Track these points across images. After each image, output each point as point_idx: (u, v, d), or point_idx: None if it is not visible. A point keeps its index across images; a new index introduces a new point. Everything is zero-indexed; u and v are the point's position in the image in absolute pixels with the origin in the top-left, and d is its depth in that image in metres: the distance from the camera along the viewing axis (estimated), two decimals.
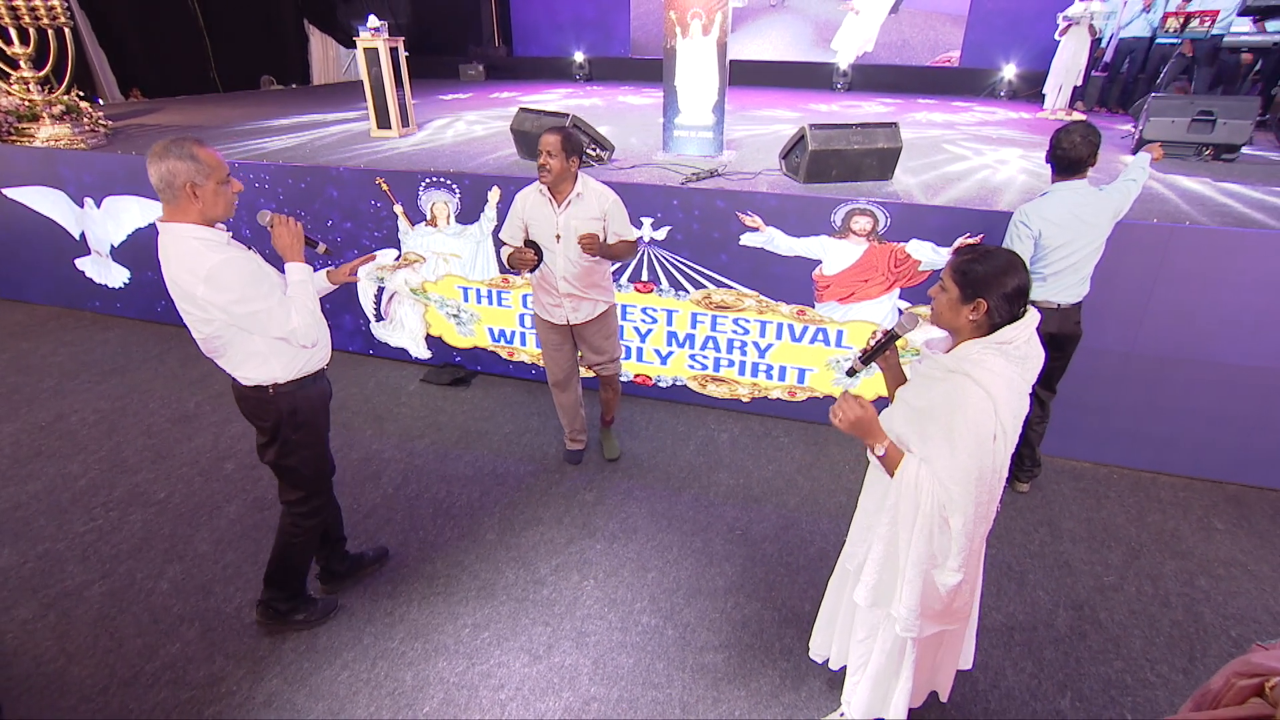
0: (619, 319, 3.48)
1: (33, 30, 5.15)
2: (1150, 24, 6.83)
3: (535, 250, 2.85)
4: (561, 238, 2.85)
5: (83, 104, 5.46)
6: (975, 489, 1.54)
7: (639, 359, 4.04)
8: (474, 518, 3.11)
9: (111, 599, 2.64)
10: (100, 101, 5.86)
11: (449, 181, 3.94)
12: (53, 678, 2.31)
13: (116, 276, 5.12)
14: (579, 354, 3.26)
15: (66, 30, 5.33)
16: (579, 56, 10.76)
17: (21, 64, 5.18)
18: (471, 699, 2.27)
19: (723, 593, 2.71)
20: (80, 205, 4.91)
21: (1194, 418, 3.29)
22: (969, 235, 3.26)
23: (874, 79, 9.61)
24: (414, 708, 2.24)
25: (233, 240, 2.03)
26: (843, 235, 3.42)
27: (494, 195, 3.88)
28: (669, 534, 3.02)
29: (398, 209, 4.10)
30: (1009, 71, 8.82)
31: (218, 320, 1.97)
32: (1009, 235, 2.82)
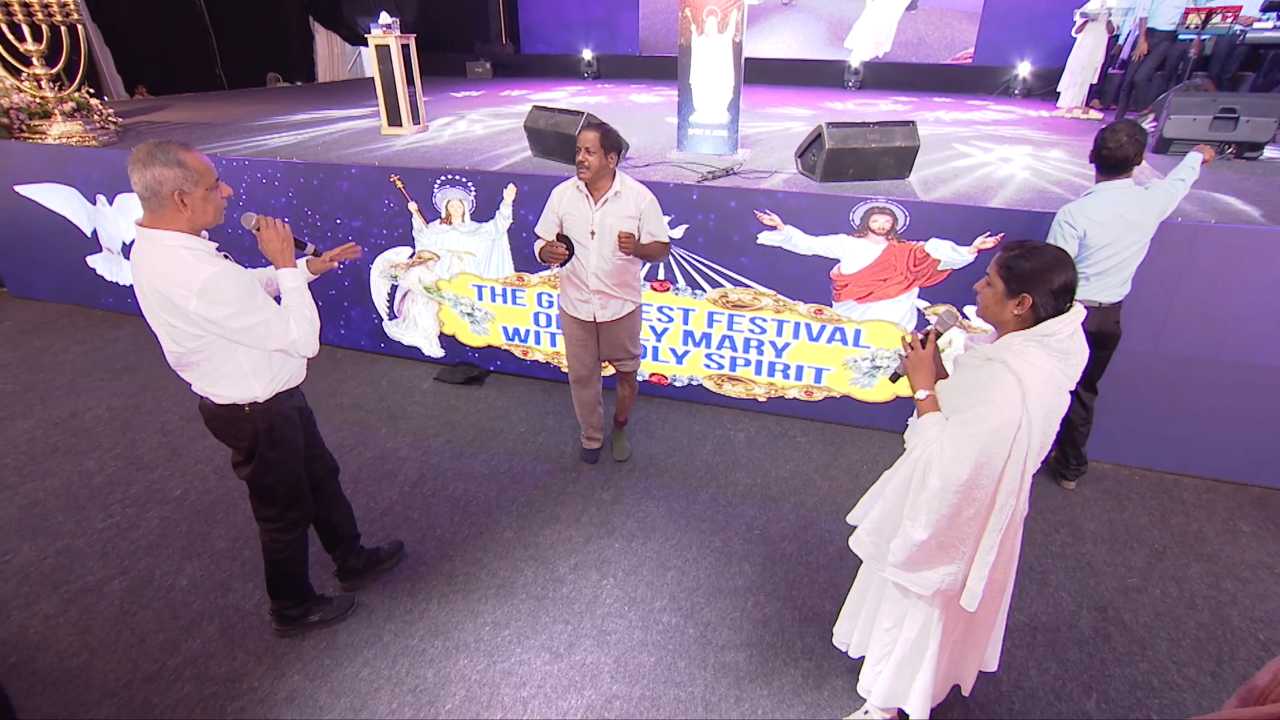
0: (641, 319, 3.46)
1: (45, 27, 5.15)
2: (1170, 21, 6.73)
3: (567, 245, 2.83)
4: (596, 234, 2.84)
5: (93, 101, 5.47)
6: (970, 467, 1.54)
7: (655, 358, 4.02)
8: (491, 516, 3.10)
9: (131, 595, 2.63)
10: (105, 99, 5.85)
11: (464, 179, 3.93)
12: (76, 672, 2.31)
13: (128, 274, 5.12)
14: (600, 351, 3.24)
15: (79, 27, 5.33)
16: (587, 54, 10.74)
17: (34, 61, 5.18)
18: (493, 696, 2.26)
19: (743, 592, 2.70)
20: (93, 202, 4.91)
21: (1217, 419, 3.26)
22: (989, 234, 3.24)
23: (886, 77, 9.55)
24: (436, 705, 2.23)
25: (218, 250, 1.92)
26: (861, 234, 3.40)
27: (509, 193, 3.87)
28: (687, 533, 3.01)
29: (412, 207, 4.09)
30: (1024, 69, 8.73)
31: (206, 335, 1.86)
32: (1052, 234, 2.80)
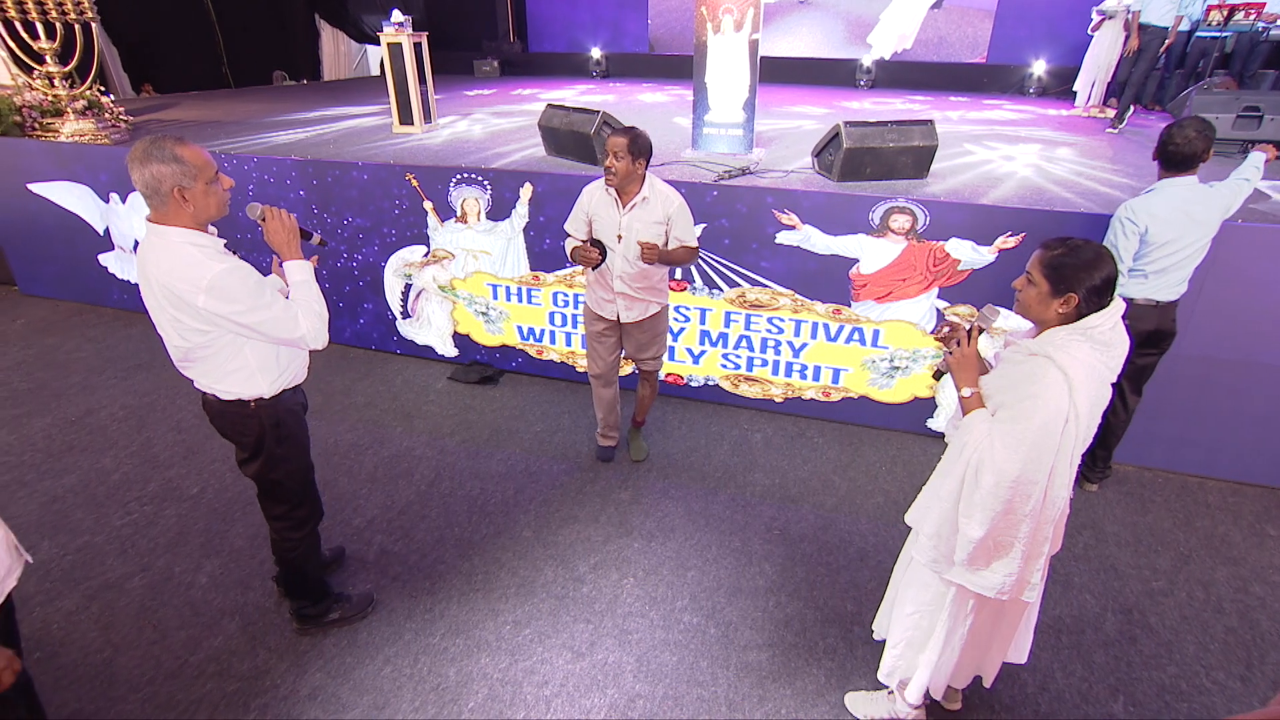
0: (669, 319, 3.44)
1: (59, 25, 5.16)
2: (1191, 18, 6.64)
3: (600, 249, 2.82)
4: (623, 238, 2.83)
5: (104, 99, 5.48)
6: (1021, 462, 1.56)
7: (671, 358, 4.01)
8: (509, 515, 3.09)
9: (152, 592, 2.63)
10: (113, 97, 5.87)
11: (480, 178, 3.92)
12: (100, 668, 2.31)
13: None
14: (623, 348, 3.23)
15: (92, 25, 5.34)
16: (596, 52, 10.72)
17: (48, 59, 5.18)
18: (516, 695, 2.25)
19: (764, 592, 2.68)
20: (106, 200, 4.91)
21: (1243, 421, 3.23)
22: (1010, 234, 3.22)
23: (898, 76, 9.49)
24: (458, 703, 2.22)
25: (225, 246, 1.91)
26: (881, 233, 3.38)
27: (525, 192, 3.86)
28: (706, 533, 2.99)
29: (428, 205, 4.08)
30: (1039, 68, 8.64)
31: (215, 330, 1.85)
32: (1112, 230, 2.75)
